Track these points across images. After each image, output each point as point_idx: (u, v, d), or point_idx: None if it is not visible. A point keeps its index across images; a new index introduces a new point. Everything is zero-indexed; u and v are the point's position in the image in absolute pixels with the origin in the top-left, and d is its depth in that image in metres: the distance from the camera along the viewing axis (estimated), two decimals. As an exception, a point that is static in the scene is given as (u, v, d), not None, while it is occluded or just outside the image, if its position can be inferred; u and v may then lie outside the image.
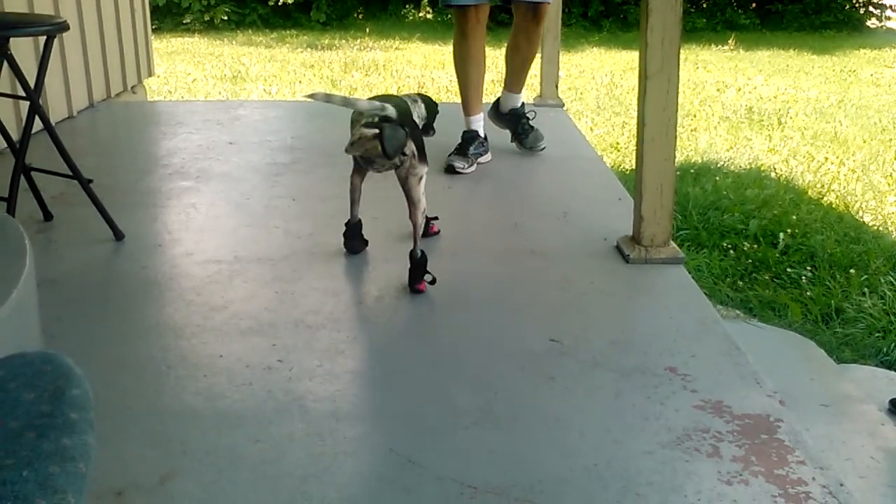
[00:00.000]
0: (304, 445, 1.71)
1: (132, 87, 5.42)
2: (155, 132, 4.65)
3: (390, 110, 2.24)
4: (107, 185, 3.03)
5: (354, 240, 2.67)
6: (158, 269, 2.62)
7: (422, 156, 2.35)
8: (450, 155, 3.56)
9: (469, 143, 3.62)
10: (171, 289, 2.48)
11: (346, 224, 2.65)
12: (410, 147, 2.31)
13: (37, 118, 2.63)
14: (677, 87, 2.55)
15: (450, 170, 3.49)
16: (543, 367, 2.04)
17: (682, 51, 2.55)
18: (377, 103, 2.26)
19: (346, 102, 2.28)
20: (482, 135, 3.69)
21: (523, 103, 3.91)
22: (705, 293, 2.56)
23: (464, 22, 3.54)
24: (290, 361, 2.03)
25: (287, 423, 1.78)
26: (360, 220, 2.65)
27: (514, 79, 3.86)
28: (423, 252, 2.42)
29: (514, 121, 3.89)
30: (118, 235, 2.76)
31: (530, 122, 3.88)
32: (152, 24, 6.01)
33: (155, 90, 7.93)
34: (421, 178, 2.37)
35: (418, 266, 2.41)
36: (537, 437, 1.77)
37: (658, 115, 2.56)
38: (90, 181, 2.76)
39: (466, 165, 3.54)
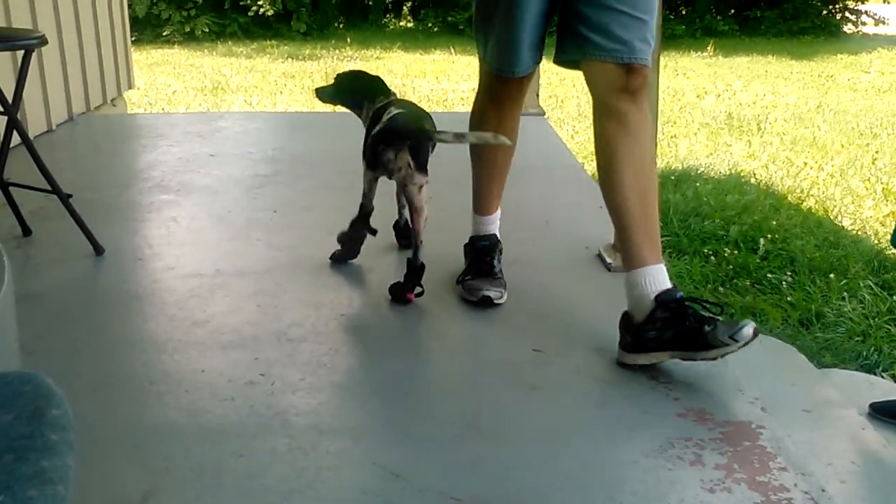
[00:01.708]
0: (287, 460, 1.70)
1: (112, 100, 5.40)
2: (135, 145, 4.64)
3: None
4: (86, 200, 3.01)
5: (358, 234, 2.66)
6: (139, 284, 2.61)
7: (420, 166, 2.34)
8: (469, 279, 2.45)
9: (488, 254, 2.50)
10: (152, 303, 2.47)
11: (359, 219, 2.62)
12: (405, 159, 2.32)
13: (15, 132, 2.62)
14: (657, 95, 2.56)
15: (486, 302, 2.38)
16: (527, 377, 2.05)
17: (661, 58, 2.56)
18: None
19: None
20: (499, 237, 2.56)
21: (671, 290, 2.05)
22: (687, 300, 2.57)
23: (501, 89, 2.34)
24: (272, 375, 2.02)
25: (270, 438, 1.77)
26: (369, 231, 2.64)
27: (630, 233, 2.11)
28: (422, 262, 2.41)
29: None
30: (98, 250, 2.75)
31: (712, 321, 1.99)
32: (132, 36, 5.98)
33: (135, 103, 7.89)
34: (421, 187, 2.37)
35: (415, 274, 2.40)
36: (521, 447, 1.77)
37: (637, 123, 2.57)
38: (69, 195, 2.74)
39: (503, 291, 2.43)
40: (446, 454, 1.74)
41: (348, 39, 13.88)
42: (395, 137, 2.33)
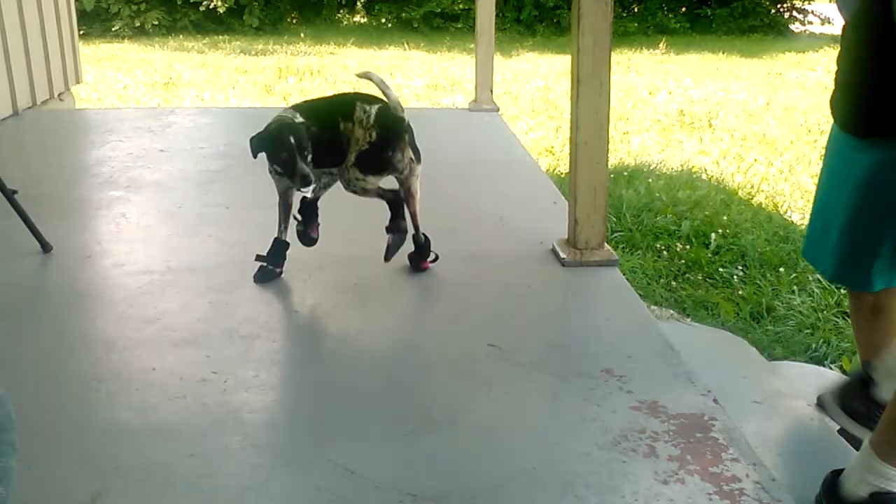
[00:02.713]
0: (240, 458, 1.68)
1: (59, 95, 5.30)
2: (83, 141, 4.55)
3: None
4: (33, 196, 2.94)
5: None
6: (88, 282, 2.56)
7: (418, 158, 2.45)
8: None
9: None
10: (101, 301, 2.42)
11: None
12: (409, 155, 2.40)
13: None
14: (609, 92, 2.58)
15: None
16: (481, 372, 2.04)
17: (614, 55, 2.58)
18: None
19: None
20: None
21: None
22: (640, 294, 2.60)
23: None
24: (224, 373, 1.99)
25: (222, 436, 1.75)
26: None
27: None
28: (425, 235, 2.58)
29: None
30: (45, 247, 2.69)
31: None
32: (80, 30, 5.87)
33: (84, 97, 7.75)
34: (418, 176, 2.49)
35: (425, 247, 2.58)
36: (476, 442, 1.77)
37: (590, 119, 2.59)
38: (15, 192, 2.68)
39: None
40: (401, 450, 1.73)
41: (302, 35, 13.78)
42: (397, 137, 2.36)
